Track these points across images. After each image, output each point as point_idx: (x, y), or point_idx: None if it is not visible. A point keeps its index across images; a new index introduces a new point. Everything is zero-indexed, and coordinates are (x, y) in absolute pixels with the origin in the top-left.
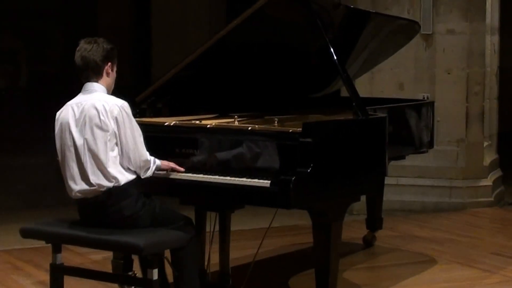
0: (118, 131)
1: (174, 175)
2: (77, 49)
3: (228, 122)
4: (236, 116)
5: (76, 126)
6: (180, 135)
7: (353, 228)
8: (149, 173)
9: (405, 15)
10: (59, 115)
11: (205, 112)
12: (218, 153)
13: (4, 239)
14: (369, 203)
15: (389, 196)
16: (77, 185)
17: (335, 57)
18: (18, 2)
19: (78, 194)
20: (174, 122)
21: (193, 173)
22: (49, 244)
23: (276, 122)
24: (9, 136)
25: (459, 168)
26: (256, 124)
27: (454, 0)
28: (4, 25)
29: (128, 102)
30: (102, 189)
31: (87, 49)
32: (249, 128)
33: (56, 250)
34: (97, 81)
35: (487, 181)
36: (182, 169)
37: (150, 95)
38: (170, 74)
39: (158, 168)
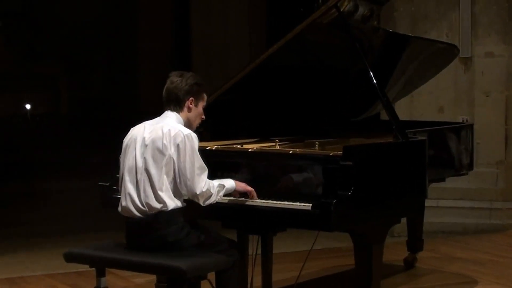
0: (178, 159)
1: (238, 201)
2: (166, 81)
3: (269, 146)
4: (277, 140)
5: (141, 145)
6: (222, 159)
7: (394, 250)
8: (212, 200)
9: (444, 39)
10: (133, 130)
11: (246, 136)
12: (260, 177)
13: (47, 263)
14: (409, 225)
15: (430, 218)
16: (128, 202)
17: (374, 81)
18: (57, 28)
19: (126, 210)
20: (215, 146)
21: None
22: (93, 268)
23: (317, 145)
24: (50, 161)
25: (498, 189)
26: (297, 148)
27: (492, 24)
28: (44, 51)
29: None
30: (150, 211)
31: (172, 81)
32: (290, 152)
33: (100, 274)
34: (177, 113)
35: None
36: (255, 197)
37: None
38: (211, 98)
39: (231, 190)
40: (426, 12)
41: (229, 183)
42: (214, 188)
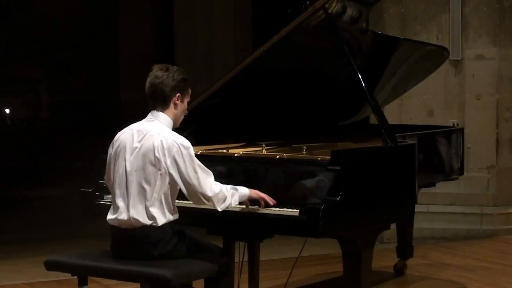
0: (178, 172)
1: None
2: (149, 74)
3: (255, 151)
4: (263, 145)
5: (131, 154)
6: (207, 164)
7: (383, 256)
8: (227, 203)
9: (434, 41)
10: (119, 136)
11: (232, 141)
12: (246, 182)
13: (27, 271)
14: (399, 231)
15: (420, 224)
16: (115, 213)
17: (363, 84)
18: (37, 30)
19: (114, 222)
20: (200, 151)
21: None
22: (75, 277)
23: (304, 150)
24: (31, 168)
25: (490, 194)
26: (284, 153)
27: (483, 26)
28: (24, 54)
29: None
30: (138, 225)
31: (157, 76)
32: (277, 157)
33: (82, 282)
34: (163, 111)
35: None
36: (273, 202)
37: None
38: (195, 102)
39: (244, 197)
40: (416, 13)
41: (242, 188)
42: (228, 191)
